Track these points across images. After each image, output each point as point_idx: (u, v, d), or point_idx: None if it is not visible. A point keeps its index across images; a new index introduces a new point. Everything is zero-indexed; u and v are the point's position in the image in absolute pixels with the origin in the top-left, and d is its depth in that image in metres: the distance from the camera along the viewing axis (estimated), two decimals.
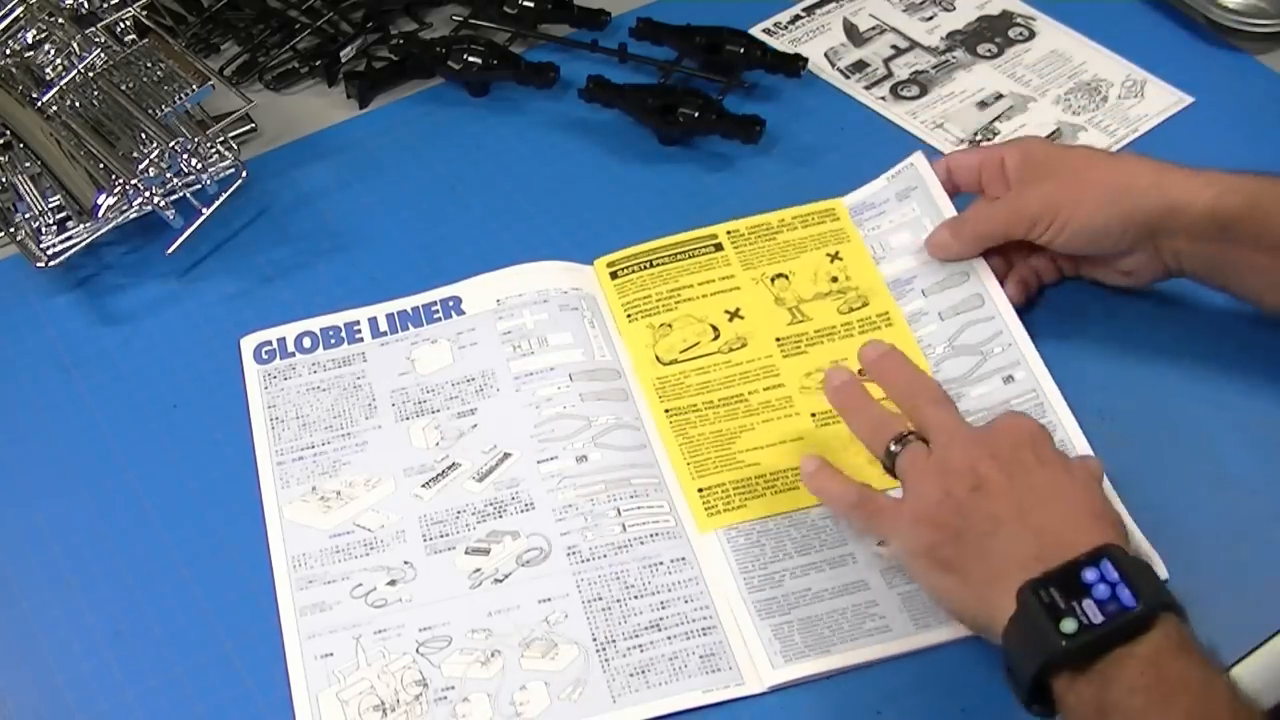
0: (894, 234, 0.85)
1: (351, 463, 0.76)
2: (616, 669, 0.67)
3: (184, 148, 0.85)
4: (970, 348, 0.79)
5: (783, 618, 0.69)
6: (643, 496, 0.74)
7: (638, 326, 0.82)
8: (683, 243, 0.86)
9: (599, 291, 0.84)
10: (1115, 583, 0.58)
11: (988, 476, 0.64)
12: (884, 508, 0.68)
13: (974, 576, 0.63)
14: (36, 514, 0.75)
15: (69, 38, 0.91)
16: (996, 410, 0.75)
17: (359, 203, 0.92)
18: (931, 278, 0.82)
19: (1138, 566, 0.60)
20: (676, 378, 0.79)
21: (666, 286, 0.84)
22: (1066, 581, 0.59)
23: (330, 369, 0.81)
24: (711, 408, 0.78)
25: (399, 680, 0.67)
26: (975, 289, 0.81)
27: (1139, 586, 0.58)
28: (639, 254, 0.85)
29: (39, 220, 0.86)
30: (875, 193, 0.87)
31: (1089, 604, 0.58)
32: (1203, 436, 0.77)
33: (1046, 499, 0.64)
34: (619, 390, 0.79)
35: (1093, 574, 0.59)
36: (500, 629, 0.69)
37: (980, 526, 0.63)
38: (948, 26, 1.04)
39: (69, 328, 0.84)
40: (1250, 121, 0.96)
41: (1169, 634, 0.58)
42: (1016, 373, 0.78)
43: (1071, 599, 0.58)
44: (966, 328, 0.80)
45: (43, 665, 0.69)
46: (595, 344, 0.81)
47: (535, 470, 0.76)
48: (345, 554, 0.72)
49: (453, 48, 0.98)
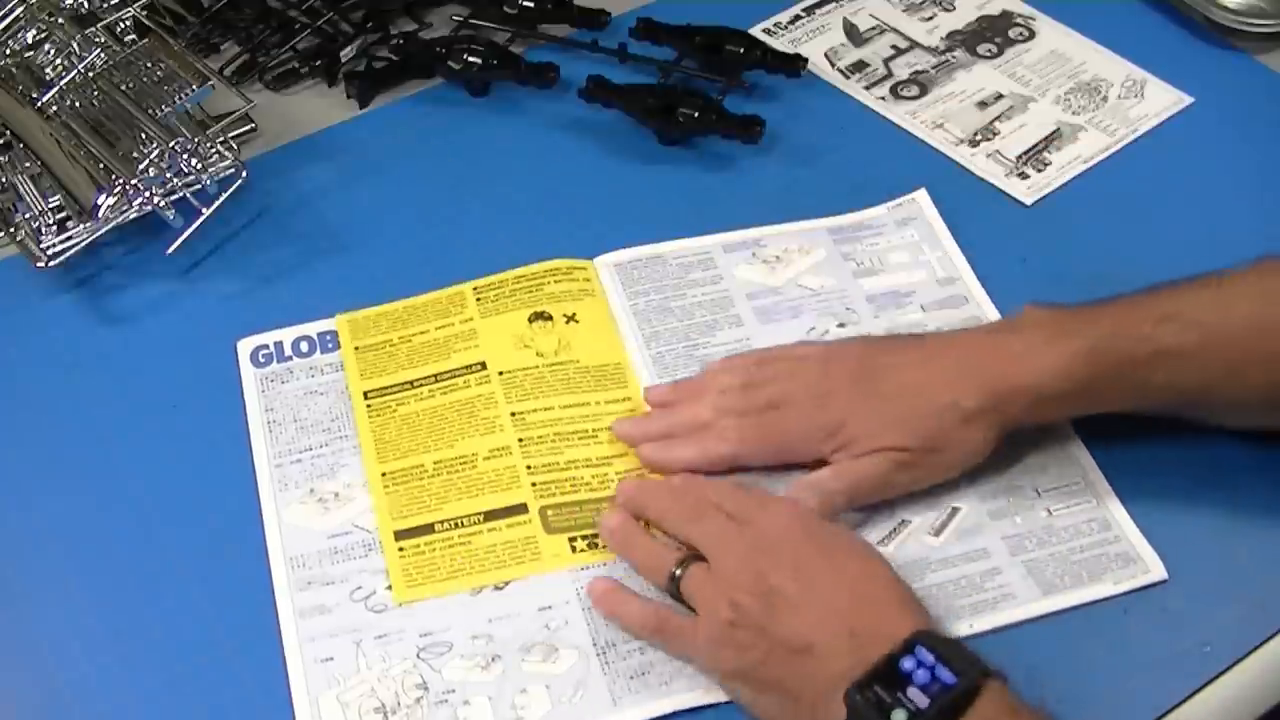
0: (891, 253, 0.86)
1: (349, 464, 0.76)
2: (617, 671, 0.67)
3: (184, 148, 0.85)
4: None
5: None
6: None
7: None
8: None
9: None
10: (932, 665, 0.59)
11: (778, 587, 0.64)
12: (682, 629, 0.66)
13: (802, 695, 0.62)
14: (36, 514, 0.75)
15: (69, 38, 0.91)
16: None
17: (359, 203, 0.92)
18: (930, 296, 0.83)
19: (949, 645, 0.61)
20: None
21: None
22: (888, 675, 0.59)
23: (328, 373, 0.81)
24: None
25: (399, 684, 0.67)
26: (974, 312, 0.82)
27: (955, 663, 0.59)
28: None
29: (39, 220, 0.86)
30: (874, 216, 0.88)
31: (913, 691, 0.59)
32: (1203, 437, 0.77)
33: (845, 598, 0.64)
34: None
35: (910, 662, 0.60)
36: (500, 635, 0.69)
37: (788, 642, 0.62)
38: (948, 26, 1.04)
39: (69, 328, 0.84)
40: (1250, 121, 0.96)
41: (995, 700, 0.59)
42: None
43: (896, 690, 0.59)
44: None
45: (43, 665, 0.69)
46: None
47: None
48: (345, 555, 0.72)
49: (453, 48, 0.98)
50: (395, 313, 0.83)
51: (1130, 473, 0.74)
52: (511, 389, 0.78)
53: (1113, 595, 0.70)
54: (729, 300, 0.83)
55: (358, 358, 0.81)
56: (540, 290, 0.83)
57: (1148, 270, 0.85)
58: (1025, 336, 0.71)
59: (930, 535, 0.72)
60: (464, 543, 0.72)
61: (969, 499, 0.73)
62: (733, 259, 0.86)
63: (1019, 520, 0.72)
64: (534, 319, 0.81)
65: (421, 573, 0.71)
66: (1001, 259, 0.86)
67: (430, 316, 0.83)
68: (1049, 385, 0.69)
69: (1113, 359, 0.69)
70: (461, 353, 0.80)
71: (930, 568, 0.71)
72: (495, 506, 0.74)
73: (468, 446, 0.76)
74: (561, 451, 0.75)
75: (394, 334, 0.82)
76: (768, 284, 0.84)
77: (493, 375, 0.79)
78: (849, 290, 0.84)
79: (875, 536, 0.72)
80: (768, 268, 0.85)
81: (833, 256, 0.86)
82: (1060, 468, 0.75)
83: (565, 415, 0.77)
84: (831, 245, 0.86)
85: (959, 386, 0.70)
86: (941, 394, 0.70)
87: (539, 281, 0.84)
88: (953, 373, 0.71)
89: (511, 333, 0.81)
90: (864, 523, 0.72)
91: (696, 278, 0.85)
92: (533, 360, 0.80)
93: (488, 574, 0.71)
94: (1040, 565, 0.71)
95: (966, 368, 0.71)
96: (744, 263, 0.85)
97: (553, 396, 0.78)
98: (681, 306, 0.83)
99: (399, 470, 0.75)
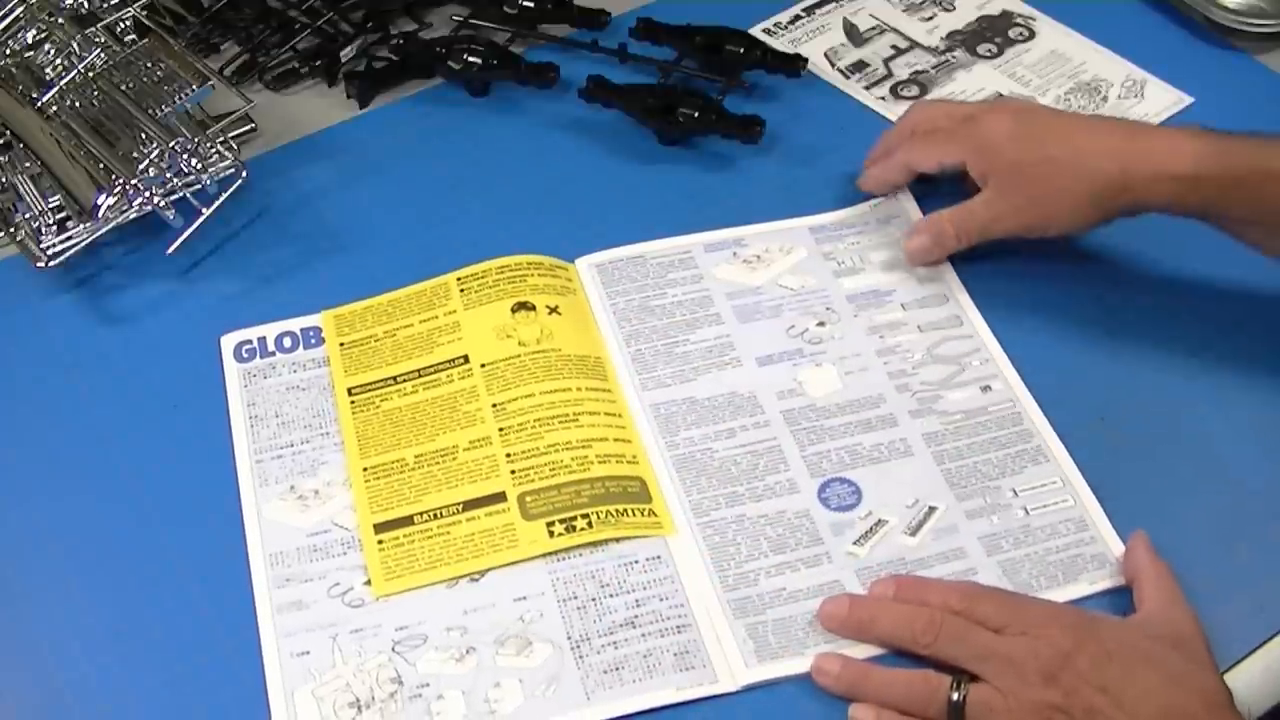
0: (873, 251, 0.86)
1: (330, 462, 0.76)
2: (590, 666, 0.67)
3: (184, 148, 0.85)
4: (949, 359, 0.80)
5: (757, 617, 0.69)
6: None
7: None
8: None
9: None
10: None
11: (1096, 708, 0.61)
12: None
13: None
14: (36, 514, 0.75)
15: (69, 38, 0.91)
16: (976, 415, 0.76)
17: (359, 203, 0.92)
18: (910, 295, 0.84)
19: None
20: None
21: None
22: None
23: (310, 368, 0.81)
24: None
25: (374, 678, 0.67)
26: (954, 310, 0.83)
27: None
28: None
29: (39, 220, 0.86)
30: (857, 215, 0.89)
31: None
32: (1202, 436, 0.77)
33: (1146, 687, 0.62)
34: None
35: None
36: (475, 627, 0.69)
37: None
38: (948, 26, 1.04)
39: (69, 328, 0.84)
40: (1250, 121, 0.94)
41: None
42: (994, 383, 0.79)
43: None
44: (945, 342, 0.81)
45: (42, 665, 0.69)
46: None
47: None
48: (323, 553, 0.72)
49: (453, 48, 0.98)
50: (380, 306, 0.84)
51: (1130, 472, 0.74)
52: (493, 380, 0.78)
53: (1089, 594, 0.70)
54: (709, 299, 0.83)
55: (342, 354, 0.81)
56: (524, 282, 0.83)
57: (1145, 271, 0.86)
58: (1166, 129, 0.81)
59: (907, 535, 0.72)
60: (442, 533, 0.72)
61: (945, 498, 0.73)
62: (713, 259, 0.86)
63: (995, 520, 0.73)
64: (517, 309, 0.82)
65: (400, 565, 0.71)
66: (993, 259, 0.86)
67: (415, 309, 0.83)
68: (1183, 170, 0.74)
69: (1244, 161, 0.74)
70: (445, 346, 0.81)
71: (906, 567, 0.71)
72: (474, 496, 0.74)
73: (449, 440, 0.76)
74: (542, 436, 0.76)
75: (379, 328, 0.82)
76: (748, 284, 0.84)
77: (475, 369, 0.79)
78: (829, 289, 0.84)
79: (852, 537, 0.72)
80: (748, 267, 0.85)
81: (813, 256, 0.86)
82: (1037, 467, 0.75)
83: (546, 400, 0.77)
84: (813, 244, 0.87)
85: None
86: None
87: (522, 273, 0.84)
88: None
89: (494, 323, 0.81)
90: (842, 525, 0.72)
91: (676, 277, 0.85)
92: (515, 350, 0.80)
93: (465, 563, 0.71)
94: (1016, 565, 0.71)
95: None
96: (724, 262, 0.86)
97: (534, 384, 0.78)
98: (661, 306, 0.83)
99: (380, 465, 0.76)
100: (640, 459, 0.76)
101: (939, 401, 0.77)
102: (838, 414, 0.77)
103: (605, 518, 0.72)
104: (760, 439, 0.76)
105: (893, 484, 0.74)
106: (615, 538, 0.72)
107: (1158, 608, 0.66)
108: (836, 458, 0.75)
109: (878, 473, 0.75)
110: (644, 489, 0.74)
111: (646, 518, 0.73)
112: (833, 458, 0.75)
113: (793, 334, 0.82)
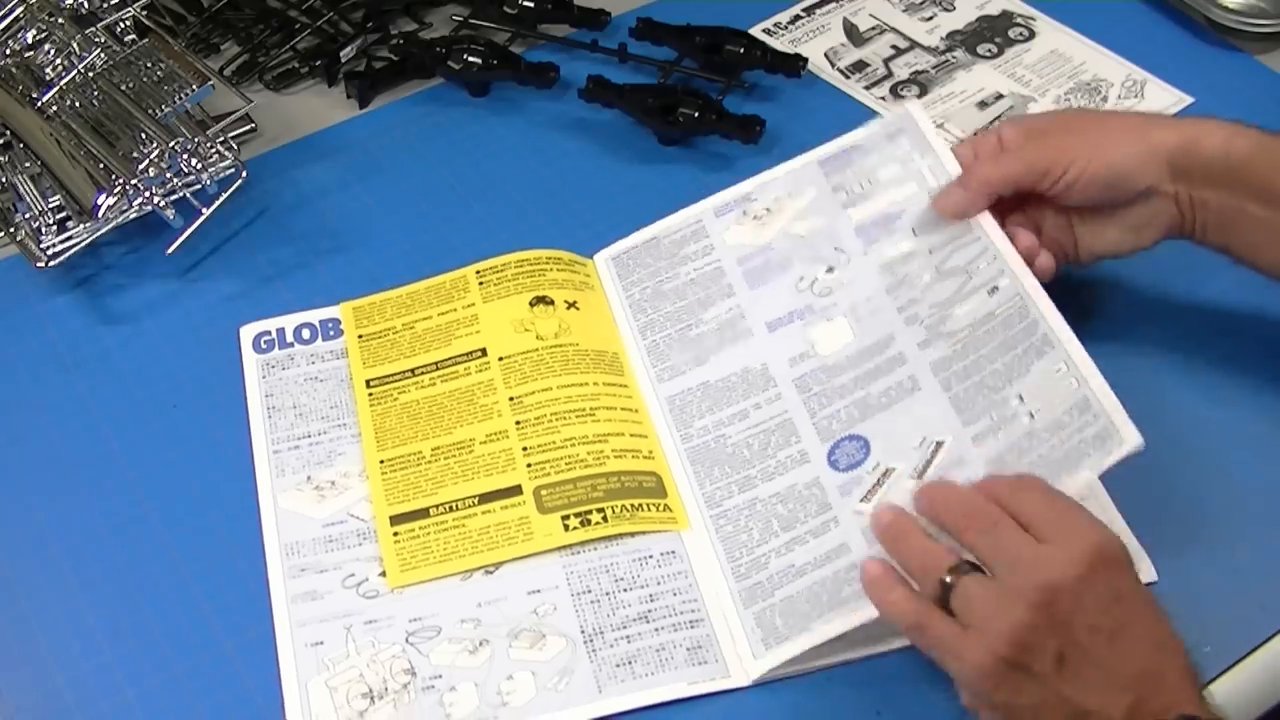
0: (882, 168, 0.82)
1: (346, 453, 0.77)
2: (603, 659, 0.68)
3: (184, 148, 0.85)
4: (957, 270, 0.77)
5: (765, 602, 0.69)
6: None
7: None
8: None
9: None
10: None
11: (1076, 640, 0.59)
12: (945, 640, 0.61)
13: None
14: (36, 514, 0.75)
15: (69, 38, 0.91)
16: (983, 324, 0.73)
17: (359, 203, 0.92)
18: (918, 208, 0.79)
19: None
20: None
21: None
22: None
23: (328, 360, 0.81)
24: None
25: (388, 669, 0.67)
26: (966, 223, 0.78)
27: None
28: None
29: (39, 220, 0.86)
30: (865, 135, 0.83)
31: None
32: (1202, 436, 0.77)
33: (1135, 665, 0.59)
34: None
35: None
36: (489, 619, 0.69)
37: (1068, 702, 0.59)
38: (948, 26, 1.04)
39: (69, 328, 0.84)
40: (1250, 121, 0.95)
41: None
42: (1000, 281, 0.75)
43: None
44: (953, 253, 0.77)
45: (42, 665, 0.69)
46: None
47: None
48: (338, 544, 0.73)
49: (453, 48, 0.98)
50: (398, 298, 0.84)
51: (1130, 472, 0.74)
52: (511, 373, 0.79)
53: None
54: (720, 272, 0.82)
55: (361, 346, 0.81)
56: (543, 276, 0.83)
57: (1146, 272, 0.85)
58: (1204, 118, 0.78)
59: (913, 478, 0.70)
60: (458, 525, 0.73)
61: (953, 427, 0.71)
62: (723, 222, 0.84)
63: (1001, 436, 0.70)
64: (535, 303, 0.82)
65: (415, 556, 0.72)
66: None
67: (433, 302, 0.83)
68: (1231, 150, 0.74)
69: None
70: (463, 339, 0.81)
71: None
72: (490, 489, 0.74)
73: (466, 433, 0.76)
74: (558, 430, 0.76)
75: (397, 320, 0.82)
76: (757, 243, 0.83)
77: (493, 361, 0.79)
78: (837, 227, 0.81)
79: (859, 495, 0.71)
80: (758, 224, 0.83)
81: (822, 193, 0.83)
82: (1042, 360, 0.72)
83: (563, 394, 0.77)
84: (822, 179, 0.83)
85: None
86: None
87: (541, 267, 0.84)
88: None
89: (512, 317, 0.81)
90: (850, 484, 0.71)
91: (689, 252, 0.84)
92: (532, 343, 0.80)
93: (480, 555, 0.71)
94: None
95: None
96: (734, 224, 0.84)
97: (551, 377, 0.78)
98: (674, 288, 0.83)
99: (397, 457, 0.76)
100: (656, 454, 0.76)
101: (946, 323, 0.75)
102: (848, 368, 0.76)
103: (620, 512, 0.72)
104: (772, 415, 0.76)
105: (901, 427, 0.72)
106: (630, 532, 0.72)
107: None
108: (846, 415, 0.74)
109: (887, 419, 0.73)
110: (659, 484, 0.74)
111: (661, 513, 0.73)
112: (842, 416, 0.74)
113: (801, 287, 0.80)
